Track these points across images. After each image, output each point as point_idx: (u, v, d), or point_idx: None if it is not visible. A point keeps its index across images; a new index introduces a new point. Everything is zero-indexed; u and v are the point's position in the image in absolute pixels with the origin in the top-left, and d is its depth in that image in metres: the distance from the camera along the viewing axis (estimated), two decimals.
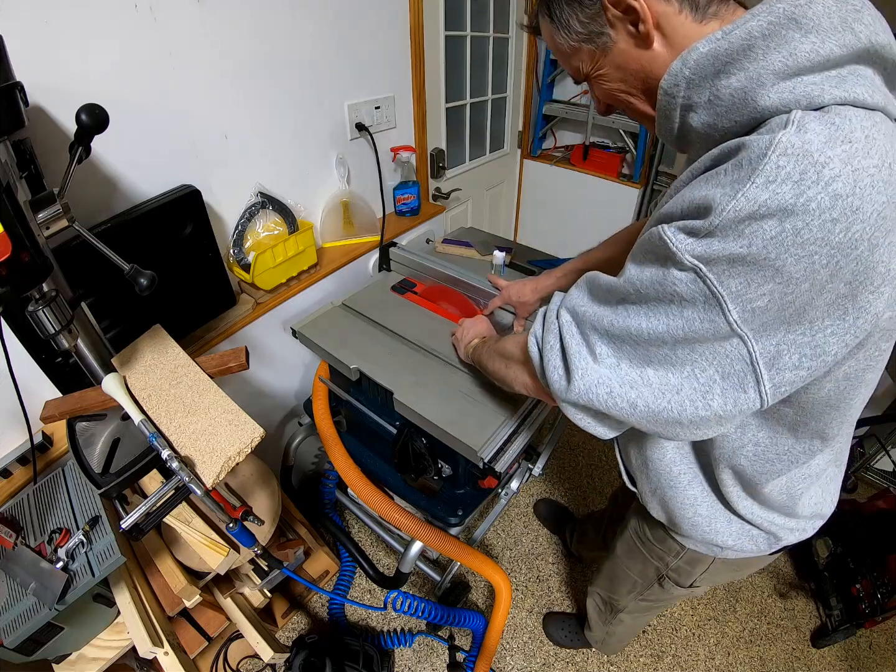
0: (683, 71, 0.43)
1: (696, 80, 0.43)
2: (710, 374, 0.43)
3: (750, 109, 0.41)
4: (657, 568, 0.85)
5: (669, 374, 0.44)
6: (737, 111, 0.42)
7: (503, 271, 1.30)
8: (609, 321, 0.47)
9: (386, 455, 1.10)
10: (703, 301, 0.40)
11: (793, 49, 0.38)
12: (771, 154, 0.36)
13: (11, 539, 0.75)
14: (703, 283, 0.39)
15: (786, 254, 0.36)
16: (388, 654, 1.33)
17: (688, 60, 0.43)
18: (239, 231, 1.12)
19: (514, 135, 2.22)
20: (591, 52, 0.51)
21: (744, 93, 0.41)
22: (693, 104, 0.45)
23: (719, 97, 0.42)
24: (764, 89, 0.39)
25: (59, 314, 0.63)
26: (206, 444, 0.69)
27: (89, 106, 0.59)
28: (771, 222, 0.36)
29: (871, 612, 1.29)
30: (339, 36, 1.17)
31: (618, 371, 0.47)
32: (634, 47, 0.48)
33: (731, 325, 0.40)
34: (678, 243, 0.40)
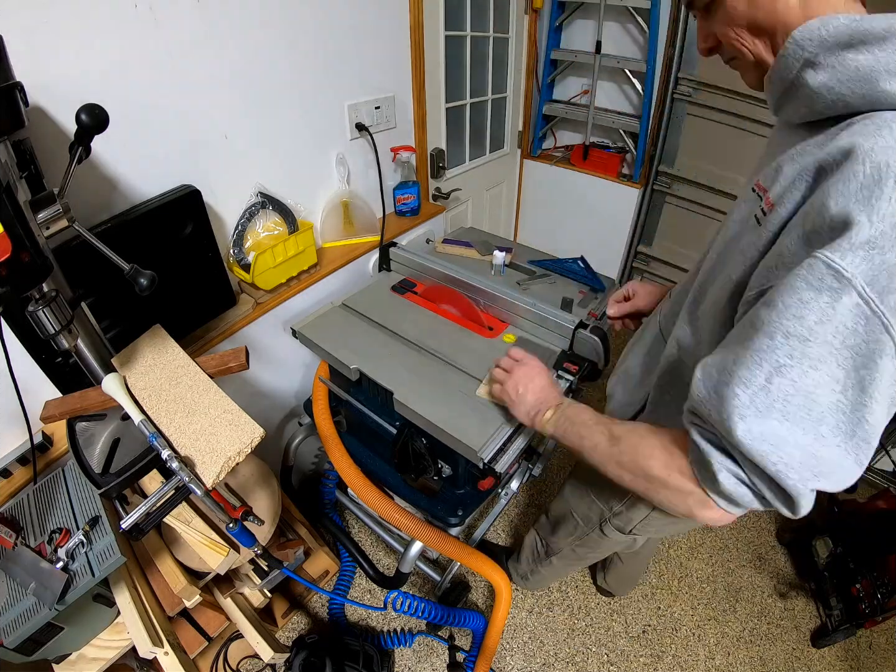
0: (821, 30, 0.45)
1: (830, 42, 0.44)
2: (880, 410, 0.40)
3: (871, 86, 0.42)
4: (601, 512, 0.88)
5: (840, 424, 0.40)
6: (858, 83, 0.43)
7: (503, 271, 1.30)
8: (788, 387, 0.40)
9: (386, 455, 1.10)
10: (865, 325, 0.38)
11: None
12: None
13: (11, 539, 0.75)
14: (866, 306, 0.37)
15: None
16: (388, 654, 1.33)
17: (828, 24, 0.45)
18: (239, 231, 1.13)
19: (514, 135, 2.22)
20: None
21: (870, 71, 0.42)
22: (817, 62, 0.45)
23: (844, 65, 0.44)
24: (889, 76, 0.41)
25: (59, 314, 0.63)
26: (206, 444, 0.69)
27: (89, 106, 0.59)
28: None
29: (871, 612, 1.28)
30: (340, 36, 1.17)
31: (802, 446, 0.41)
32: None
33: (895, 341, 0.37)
34: (849, 266, 0.37)
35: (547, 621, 1.44)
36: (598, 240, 2.27)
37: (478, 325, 1.12)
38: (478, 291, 1.16)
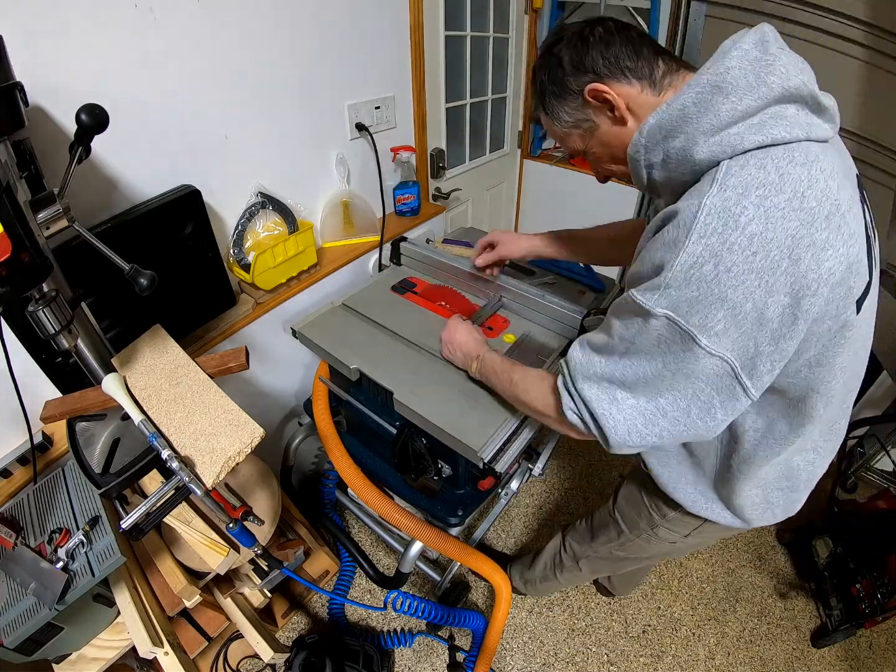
0: (640, 140, 0.56)
1: (650, 145, 0.56)
2: (708, 393, 0.53)
3: (690, 163, 0.52)
4: (651, 519, 0.89)
5: (678, 400, 0.54)
6: (682, 165, 0.53)
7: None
8: (620, 372, 0.56)
9: (386, 455, 1.10)
10: (680, 338, 0.50)
11: (717, 110, 0.49)
12: (699, 216, 0.47)
13: (11, 539, 0.75)
14: (675, 326, 0.50)
15: (725, 286, 0.47)
16: (388, 654, 1.33)
17: (642, 131, 0.55)
18: (239, 231, 1.12)
19: (514, 135, 2.21)
20: (580, 135, 0.64)
21: (684, 151, 0.52)
22: (652, 163, 0.57)
23: (669, 156, 0.54)
24: (697, 146, 0.51)
25: (59, 314, 0.63)
26: (206, 444, 0.69)
27: (89, 106, 0.59)
28: (708, 267, 0.47)
29: (871, 612, 1.28)
30: (340, 36, 1.17)
31: (637, 409, 0.56)
32: (613, 126, 0.60)
33: (706, 349, 0.49)
34: (648, 301, 0.51)
35: (547, 621, 1.44)
36: None
37: (478, 324, 1.12)
38: (488, 284, 1.17)
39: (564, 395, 0.63)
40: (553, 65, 0.61)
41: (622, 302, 0.56)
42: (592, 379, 0.59)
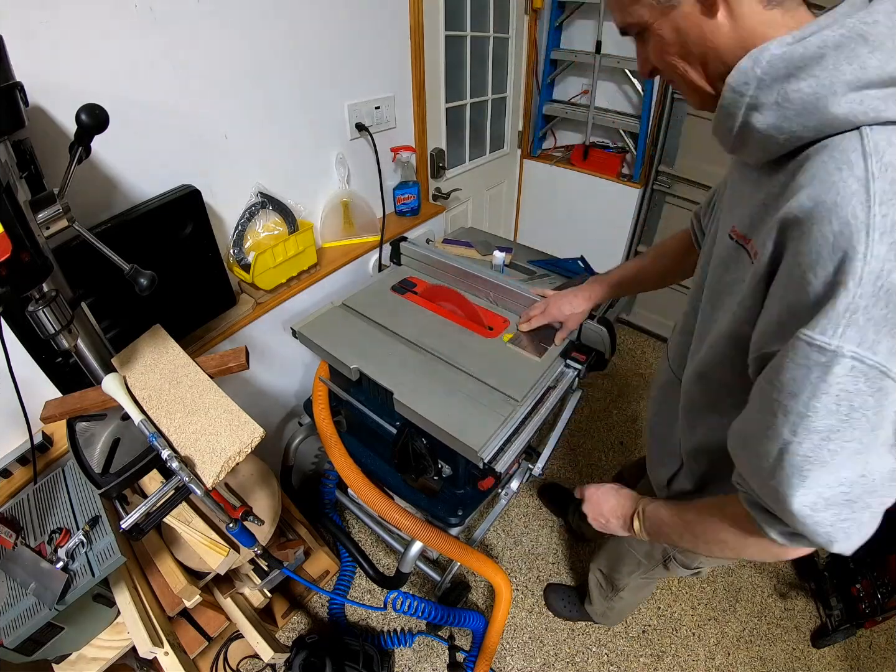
0: (755, 70, 0.43)
1: (767, 80, 0.43)
2: None
3: (820, 115, 0.41)
4: (664, 550, 0.86)
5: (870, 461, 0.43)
6: (806, 115, 0.42)
7: (503, 271, 1.30)
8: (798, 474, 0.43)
9: (386, 455, 1.10)
10: (865, 381, 0.39)
11: (863, 63, 0.39)
12: (873, 206, 0.37)
13: (11, 539, 0.75)
14: (862, 364, 0.39)
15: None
16: (388, 654, 1.33)
17: (759, 60, 0.43)
18: (239, 231, 1.12)
19: (514, 135, 2.21)
20: (651, 6, 0.49)
21: (815, 98, 0.41)
22: (760, 104, 0.44)
23: (788, 100, 0.42)
24: (836, 97, 0.40)
25: (59, 314, 0.63)
26: (206, 444, 0.69)
27: (89, 106, 0.59)
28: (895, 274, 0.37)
29: (871, 612, 1.28)
30: (340, 36, 1.17)
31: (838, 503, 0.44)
32: (699, 13, 0.47)
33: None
34: (831, 339, 0.38)
35: (547, 621, 1.44)
36: (598, 240, 2.27)
37: (478, 324, 1.12)
38: (488, 284, 1.17)
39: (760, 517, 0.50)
40: None
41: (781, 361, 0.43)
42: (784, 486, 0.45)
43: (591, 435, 2.00)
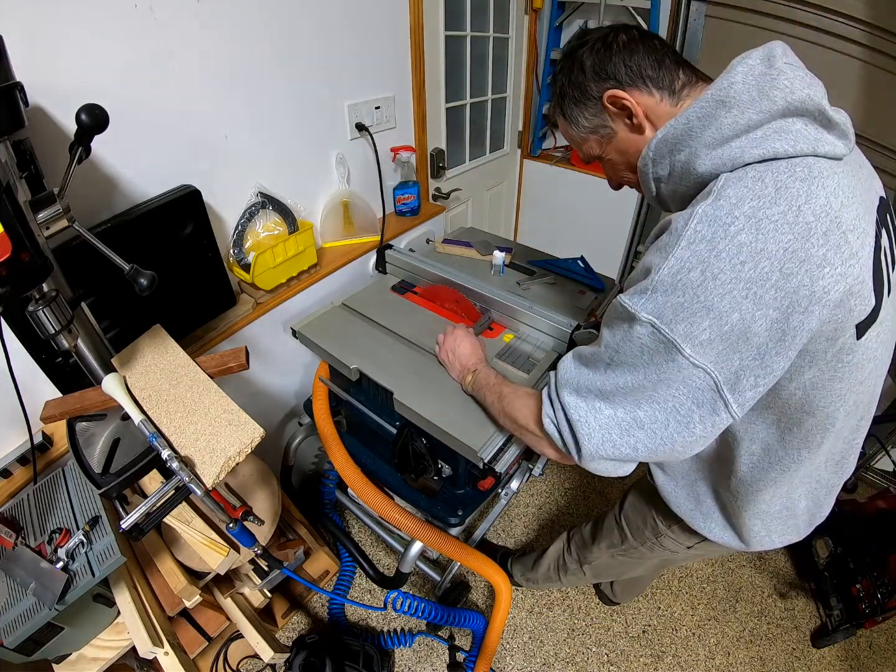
0: (648, 153, 0.58)
1: (658, 158, 0.57)
2: (688, 406, 0.51)
3: (693, 176, 0.53)
4: (655, 528, 0.89)
5: (657, 412, 0.53)
6: (685, 178, 0.54)
7: (503, 271, 1.30)
8: (601, 383, 0.56)
9: (386, 455, 1.10)
10: (664, 347, 0.49)
11: (719, 124, 0.50)
12: (690, 223, 0.47)
13: (11, 539, 0.75)
14: (659, 334, 0.49)
15: (711, 294, 0.46)
16: (388, 654, 1.33)
17: (651, 145, 0.57)
18: (239, 231, 1.12)
19: (514, 135, 2.21)
20: (598, 140, 0.64)
21: (687, 164, 0.53)
22: (660, 176, 0.58)
23: (674, 169, 0.56)
24: (699, 159, 0.52)
25: (59, 314, 0.63)
26: (206, 444, 0.69)
27: (89, 106, 0.59)
28: (695, 273, 0.46)
29: (871, 612, 1.28)
30: (340, 36, 1.17)
31: (615, 419, 0.55)
32: (630, 134, 0.61)
33: (689, 359, 0.48)
34: (634, 305, 0.51)
35: (547, 621, 1.44)
36: (598, 240, 2.27)
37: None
38: (473, 294, 1.15)
39: (546, 404, 0.63)
40: (575, 68, 0.61)
41: (611, 308, 0.56)
42: (575, 388, 0.59)
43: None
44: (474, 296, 1.15)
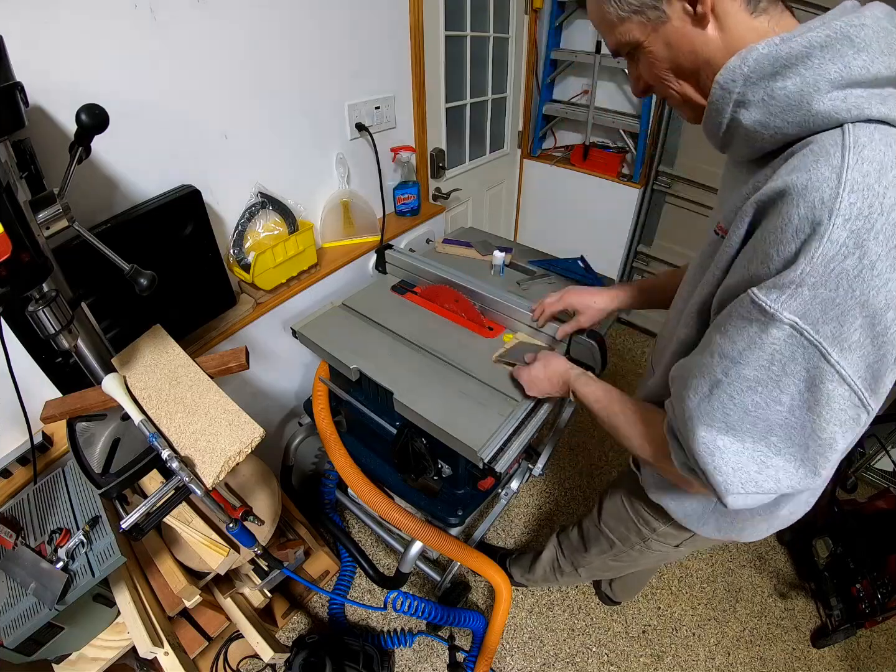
0: (742, 68, 0.45)
1: (754, 77, 0.44)
2: (832, 426, 0.44)
3: (804, 112, 0.43)
4: (640, 532, 0.86)
5: (793, 436, 0.45)
6: (791, 112, 0.43)
7: (502, 272, 1.30)
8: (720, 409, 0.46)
9: (386, 455, 1.10)
10: (803, 355, 0.41)
11: (847, 62, 0.41)
12: (842, 192, 0.38)
13: (11, 539, 0.75)
14: (800, 338, 0.41)
15: (868, 287, 0.38)
16: (388, 654, 1.33)
17: (747, 59, 0.44)
18: (239, 231, 1.12)
19: (514, 135, 2.21)
20: (641, 24, 0.49)
21: (800, 95, 0.42)
22: (747, 101, 0.46)
23: (773, 97, 0.44)
24: (819, 94, 0.41)
25: (59, 314, 0.63)
26: (206, 444, 0.69)
27: (89, 106, 0.59)
28: (851, 260, 0.38)
29: (871, 612, 1.28)
30: (340, 36, 1.17)
31: (745, 454, 0.47)
32: (689, 26, 0.47)
33: (835, 367, 0.41)
34: (773, 303, 0.41)
35: (547, 621, 1.44)
36: (598, 240, 2.27)
37: (478, 325, 1.12)
38: (473, 294, 1.15)
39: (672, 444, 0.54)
40: None
41: (731, 309, 0.46)
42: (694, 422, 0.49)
43: (592, 435, 2.00)
44: (474, 296, 1.15)
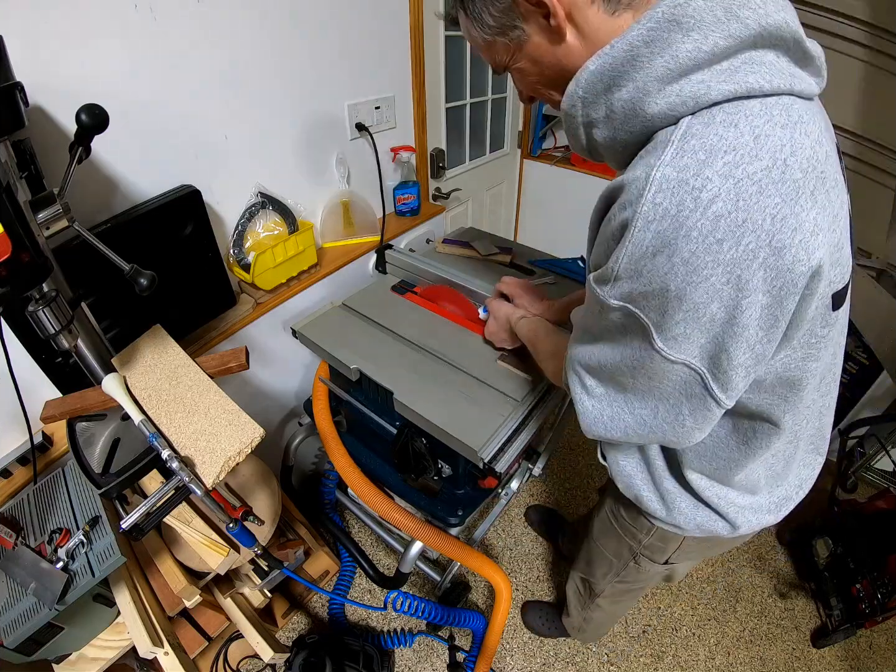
0: (577, 91, 0.44)
1: (590, 98, 0.44)
2: (676, 397, 0.47)
3: (640, 119, 0.41)
4: (630, 546, 0.86)
5: (645, 398, 0.49)
6: (630, 122, 0.42)
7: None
8: (590, 356, 0.52)
9: (386, 455, 1.10)
10: (641, 330, 0.44)
11: (675, 52, 0.38)
12: (647, 193, 0.38)
13: (11, 539, 0.75)
14: (634, 316, 0.44)
15: (683, 283, 0.38)
16: (388, 654, 1.33)
17: (580, 80, 0.43)
18: (239, 231, 1.12)
19: (514, 135, 2.21)
20: (505, 45, 0.49)
21: (632, 103, 0.41)
22: (593, 120, 0.45)
23: (613, 111, 0.43)
24: (650, 97, 0.39)
25: (59, 314, 0.63)
26: (206, 444, 0.69)
27: (89, 106, 0.59)
28: (660, 259, 0.38)
29: (871, 612, 1.28)
30: (340, 36, 1.17)
31: (606, 399, 0.52)
32: (548, 41, 0.47)
33: (661, 353, 0.43)
34: (602, 292, 0.45)
35: None
36: None
37: (478, 324, 1.12)
38: (473, 294, 1.15)
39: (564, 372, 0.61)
40: None
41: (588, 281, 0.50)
42: (574, 359, 0.55)
43: None
44: (474, 296, 1.15)
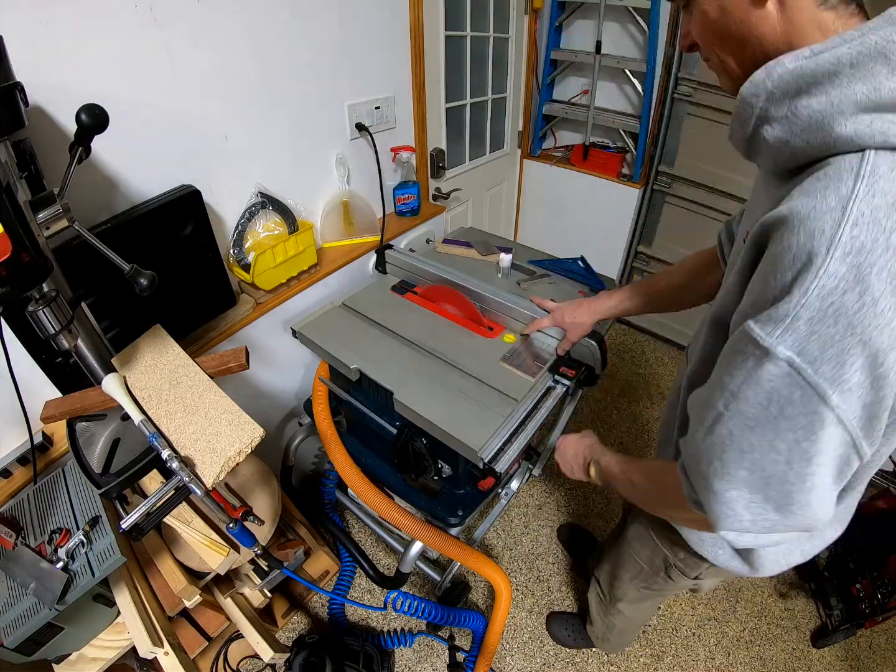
0: (766, 83, 0.43)
1: (777, 94, 0.43)
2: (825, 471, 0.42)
3: (825, 134, 0.40)
4: (666, 557, 0.85)
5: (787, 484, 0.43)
6: (812, 132, 0.41)
7: (510, 273, 1.30)
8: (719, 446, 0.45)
9: (386, 455, 1.10)
10: (801, 397, 0.39)
11: (878, 84, 0.38)
12: (845, 224, 0.36)
13: (11, 539, 0.75)
14: (798, 377, 0.39)
15: (870, 325, 0.36)
16: (388, 654, 1.33)
17: (772, 73, 0.42)
18: (239, 231, 1.12)
19: (514, 135, 2.21)
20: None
21: (822, 116, 0.40)
22: (769, 117, 0.44)
23: (797, 115, 0.42)
24: (843, 117, 0.39)
25: (59, 314, 0.63)
26: (206, 444, 0.69)
27: (89, 106, 0.59)
28: (851, 296, 0.36)
29: (871, 612, 1.29)
30: (340, 36, 1.17)
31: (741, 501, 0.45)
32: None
33: (835, 410, 0.38)
34: (768, 336, 0.39)
35: None
36: (598, 240, 2.27)
37: (478, 325, 1.12)
38: (473, 294, 1.15)
39: (684, 482, 0.53)
40: None
41: (730, 342, 0.45)
42: (699, 458, 0.49)
43: None
44: (474, 296, 1.15)
